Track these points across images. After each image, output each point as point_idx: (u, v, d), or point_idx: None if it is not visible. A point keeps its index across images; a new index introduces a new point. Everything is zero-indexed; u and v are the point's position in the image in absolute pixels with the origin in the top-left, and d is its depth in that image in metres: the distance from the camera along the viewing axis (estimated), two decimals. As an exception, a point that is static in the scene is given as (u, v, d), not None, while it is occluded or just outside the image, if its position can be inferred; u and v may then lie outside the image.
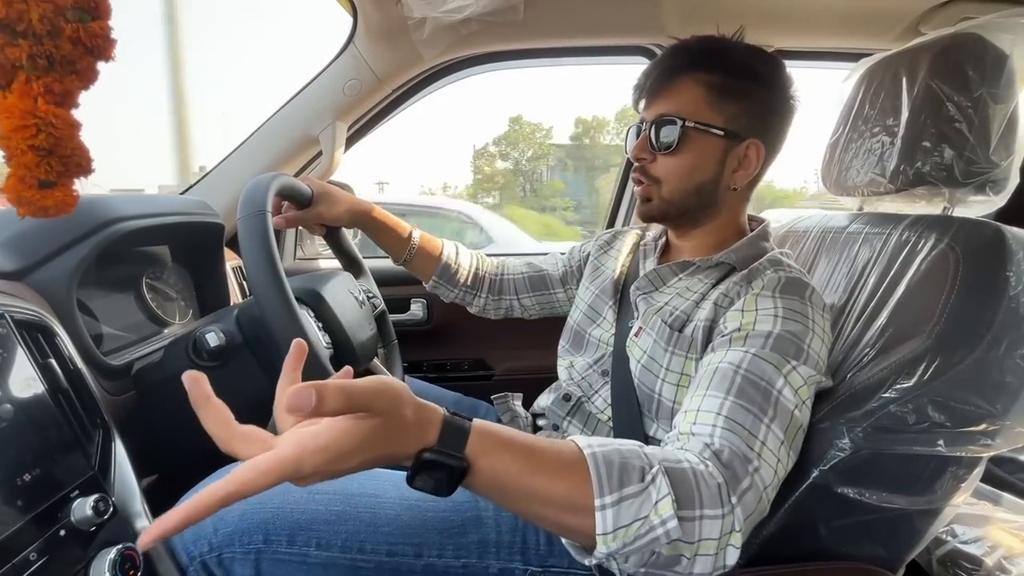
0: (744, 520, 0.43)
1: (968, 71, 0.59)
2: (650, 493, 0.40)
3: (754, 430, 0.47)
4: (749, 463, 0.45)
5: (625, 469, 0.41)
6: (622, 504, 0.40)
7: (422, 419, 0.38)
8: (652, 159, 0.66)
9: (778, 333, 0.53)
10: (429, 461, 0.37)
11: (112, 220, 0.65)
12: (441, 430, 0.38)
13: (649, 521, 0.40)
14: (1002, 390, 0.46)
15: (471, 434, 0.39)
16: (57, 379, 0.50)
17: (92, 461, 0.50)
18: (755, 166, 0.66)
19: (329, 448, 0.34)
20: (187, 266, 0.91)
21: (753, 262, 0.64)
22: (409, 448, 0.37)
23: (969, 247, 0.52)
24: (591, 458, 0.41)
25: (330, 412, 0.33)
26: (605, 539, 0.39)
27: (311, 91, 1.03)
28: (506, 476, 0.39)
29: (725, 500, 0.42)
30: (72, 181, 0.34)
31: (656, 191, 0.67)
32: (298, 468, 0.33)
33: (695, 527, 0.41)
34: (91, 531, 0.46)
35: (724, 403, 0.49)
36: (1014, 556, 0.65)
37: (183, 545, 0.54)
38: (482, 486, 0.39)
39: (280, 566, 0.55)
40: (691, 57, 0.65)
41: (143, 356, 0.69)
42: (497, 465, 0.39)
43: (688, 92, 0.64)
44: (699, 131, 0.63)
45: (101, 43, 0.32)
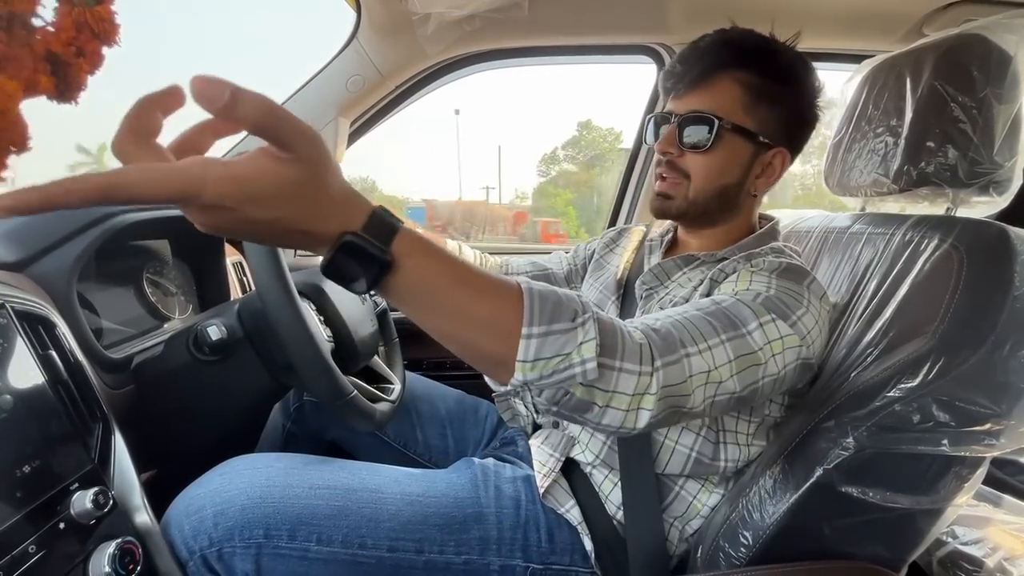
0: (661, 387, 0.42)
1: (973, 71, 0.59)
2: (577, 333, 0.39)
3: (705, 334, 0.46)
4: (684, 346, 0.44)
5: (559, 307, 0.39)
6: (548, 337, 0.38)
7: (350, 200, 0.34)
8: (680, 155, 0.64)
9: (768, 295, 0.52)
10: (350, 244, 0.33)
11: (113, 212, 0.65)
12: (369, 217, 0.34)
13: (570, 359, 0.39)
14: (1006, 390, 0.46)
15: (400, 231, 0.35)
16: (57, 371, 0.49)
17: (92, 454, 0.49)
18: (778, 175, 0.65)
19: (242, 181, 0.29)
20: (188, 261, 0.91)
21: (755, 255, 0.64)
22: (329, 226, 0.33)
23: (973, 247, 0.52)
24: (527, 291, 0.39)
25: (244, 117, 0.28)
26: (524, 367, 0.38)
27: (314, 86, 1.03)
28: (432, 282, 0.36)
29: (646, 359, 0.42)
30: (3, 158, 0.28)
31: (682, 188, 0.65)
32: (198, 188, 0.28)
33: (613, 376, 0.40)
34: (90, 524, 0.45)
35: (687, 311, 0.48)
36: (1015, 558, 0.66)
37: (183, 539, 0.53)
38: (403, 289, 0.36)
39: (280, 561, 0.55)
40: (736, 53, 0.61)
41: (143, 350, 0.68)
42: (424, 269, 0.36)
43: (727, 91, 0.61)
44: (732, 132, 0.61)
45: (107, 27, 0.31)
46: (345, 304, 0.72)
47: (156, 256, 0.85)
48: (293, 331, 0.54)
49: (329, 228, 0.33)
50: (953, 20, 0.92)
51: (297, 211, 0.31)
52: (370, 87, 1.04)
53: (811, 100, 0.64)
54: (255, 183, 0.29)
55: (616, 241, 0.87)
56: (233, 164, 0.29)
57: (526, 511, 0.64)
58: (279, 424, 0.86)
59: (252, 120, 0.28)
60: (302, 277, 0.70)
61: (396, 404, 0.73)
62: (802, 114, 0.65)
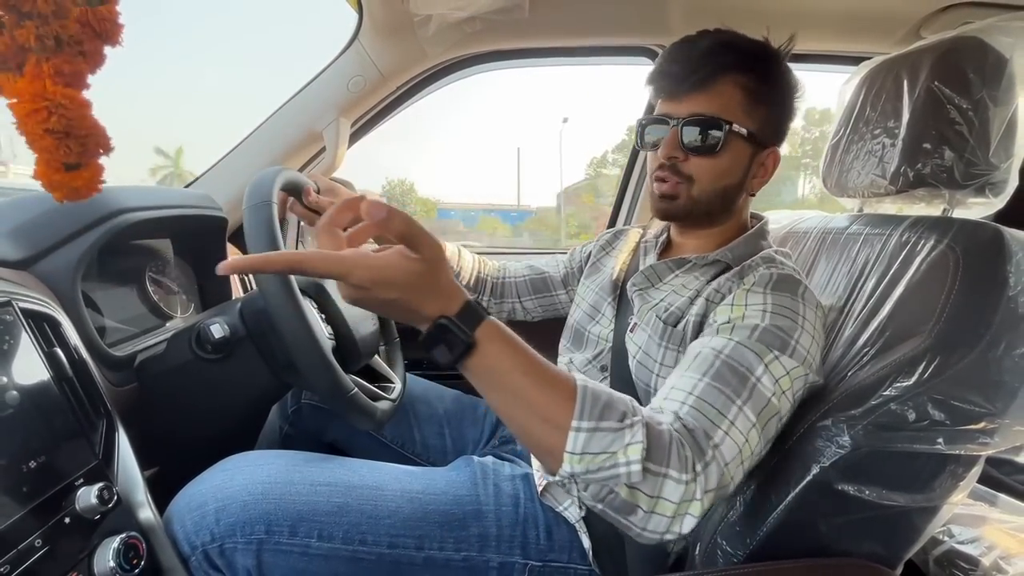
0: (706, 492, 0.43)
1: (969, 74, 0.59)
2: (624, 434, 0.42)
3: (724, 410, 0.47)
4: (710, 439, 0.46)
5: (609, 406, 0.43)
6: (596, 433, 0.42)
7: (451, 290, 0.43)
8: (684, 158, 0.64)
9: (765, 326, 0.53)
10: (442, 326, 0.41)
11: (116, 211, 0.65)
12: (462, 306, 0.42)
13: (615, 457, 0.42)
14: (1001, 389, 0.47)
15: (485, 320, 0.43)
16: (62, 368, 0.50)
17: (96, 450, 0.50)
18: (771, 173, 0.67)
19: (379, 269, 0.39)
20: (189, 260, 0.92)
21: (747, 260, 0.65)
22: (431, 309, 0.41)
23: (969, 248, 0.53)
24: (582, 388, 0.43)
25: (393, 229, 0.39)
26: (571, 459, 0.42)
27: (315, 87, 1.04)
28: (501, 367, 0.42)
29: (690, 468, 0.43)
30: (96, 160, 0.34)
31: (686, 190, 0.65)
32: (349, 272, 0.39)
33: (657, 482, 0.43)
34: (95, 520, 0.46)
35: (699, 383, 0.49)
36: (1011, 556, 0.66)
37: (185, 535, 0.54)
38: (478, 368, 0.42)
39: (281, 557, 0.55)
40: (737, 57, 0.62)
41: (146, 348, 0.69)
42: (498, 354, 0.42)
43: (728, 94, 0.62)
44: (737, 136, 0.62)
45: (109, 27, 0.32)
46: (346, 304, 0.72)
47: (158, 255, 0.85)
48: (294, 328, 0.54)
49: (432, 310, 0.42)
50: (951, 23, 0.92)
51: (413, 295, 0.41)
52: (371, 88, 1.04)
53: (791, 98, 0.67)
54: (388, 272, 0.39)
55: (612, 243, 0.88)
56: (375, 257, 0.40)
57: (525, 509, 0.64)
58: (276, 426, 0.86)
59: (398, 231, 0.39)
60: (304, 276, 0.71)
61: (397, 403, 0.73)
62: (789, 114, 0.67)
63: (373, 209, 0.39)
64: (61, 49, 0.31)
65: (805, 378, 0.53)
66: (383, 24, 0.96)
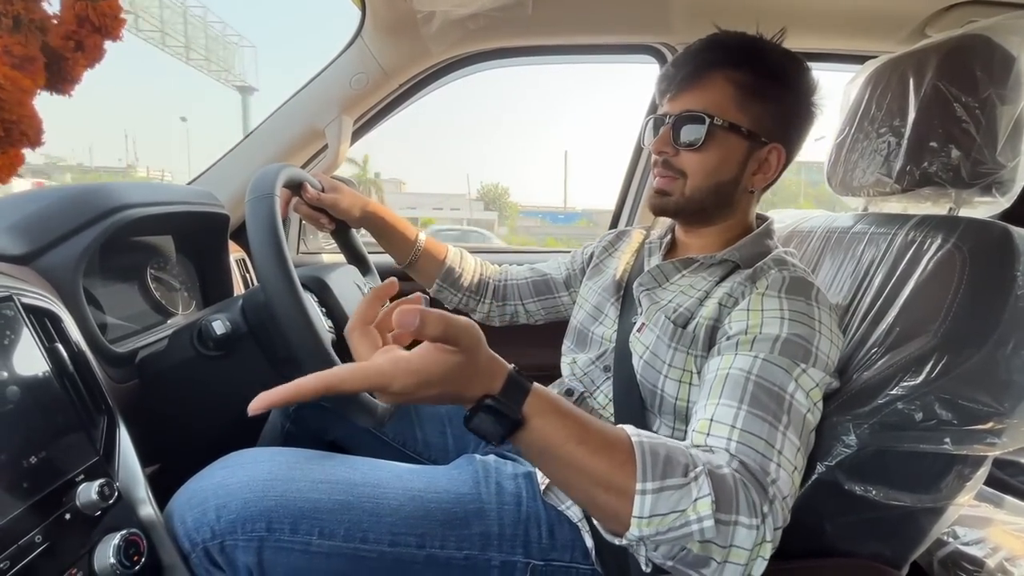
0: (775, 531, 0.43)
1: (976, 72, 0.59)
2: (691, 489, 0.41)
3: (771, 439, 0.47)
4: (767, 475, 0.45)
5: (670, 462, 0.42)
6: (662, 493, 0.40)
7: (492, 367, 0.41)
8: (675, 153, 0.65)
9: (786, 336, 0.53)
10: (490, 407, 0.40)
11: (118, 207, 0.65)
12: (506, 382, 0.41)
13: (686, 515, 0.40)
14: (1008, 389, 0.47)
15: (530, 393, 0.41)
16: (63, 363, 0.50)
17: (97, 446, 0.50)
18: (775, 171, 0.66)
19: (419, 372, 0.38)
20: (191, 257, 0.91)
21: (757, 260, 0.64)
22: (475, 391, 0.40)
23: (976, 247, 0.52)
24: (638, 445, 0.42)
25: (428, 336, 0.37)
26: (640, 523, 0.40)
27: (318, 84, 1.04)
28: (554, 439, 0.41)
29: (758, 512, 0.42)
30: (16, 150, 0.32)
31: (678, 185, 0.66)
32: (389, 383, 0.37)
33: (729, 532, 0.41)
34: (96, 516, 0.46)
35: (739, 413, 0.48)
36: (1016, 558, 0.66)
37: (185, 532, 0.54)
38: (530, 443, 0.41)
39: (282, 554, 0.55)
40: (725, 53, 0.63)
41: (147, 345, 0.69)
42: (547, 426, 0.41)
43: (718, 89, 0.63)
44: (725, 130, 0.62)
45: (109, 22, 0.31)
46: (348, 298, 0.72)
47: (160, 252, 0.85)
48: (294, 320, 0.54)
49: (474, 392, 0.40)
50: (956, 21, 0.92)
51: (456, 385, 0.40)
52: (374, 85, 1.04)
53: (805, 97, 0.65)
54: (428, 372, 0.38)
55: (615, 244, 0.87)
56: (413, 360, 0.38)
57: (527, 507, 0.64)
58: (278, 424, 0.86)
59: (433, 335, 0.38)
60: (306, 271, 0.70)
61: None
62: (796, 111, 0.65)
63: (405, 319, 0.36)
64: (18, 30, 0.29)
65: (828, 384, 0.53)
66: (386, 21, 0.96)
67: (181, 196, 0.81)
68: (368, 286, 0.82)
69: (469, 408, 0.41)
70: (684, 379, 0.61)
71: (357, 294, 0.76)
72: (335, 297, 0.69)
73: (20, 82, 0.31)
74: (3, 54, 0.30)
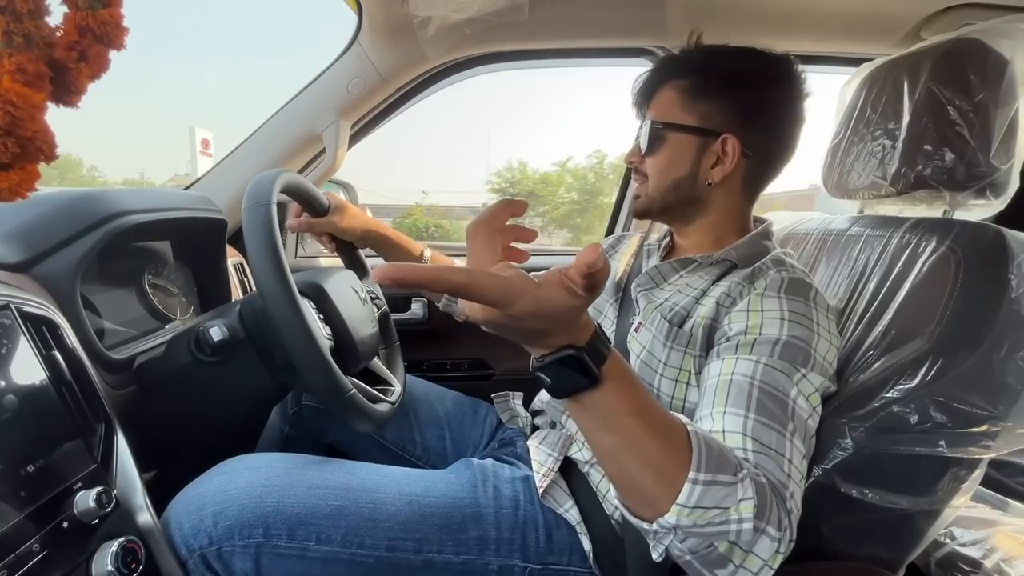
0: (789, 544, 0.43)
1: (970, 75, 0.59)
2: (737, 489, 0.41)
3: (781, 449, 0.47)
4: (786, 488, 0.45)
5: (723, 458, 0.42)
6: (712, 487, 0.40)
7: (587, 320, 0.39)
8: (641, 161, 0.71)
9: (786, 339, 0.53)
10: (572, 358, 0.38)
11: (116, 214, 0.65)
12: (592, 336, 0.39)
13: (728, 514, 0.40)
14: (1003, 392, 0.47)
15: (611, 355, 0.40)
16: (61, 371, 0.50)
17: (95, 454, 0.50)
18: (732, 160, 0.66)
19: (543, 303, 0.36)
20: (189, 262, 0.91)
21: (755, 260, 0.64)
22: (561, 338, 0.38)
23: (971, 250, 0.52)
24: (694, 435, 0.41)
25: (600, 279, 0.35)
26: (681, 512, 0.40)
27: (315, 89, 1.04)
28: (622, 407, 0.40)
29: (782, 524, 0.43)
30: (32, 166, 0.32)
31: (644, 188, 0.71)
32: (514, 301, 0.35)
33: (756, 538, 0.41)
34: (93, 524, 0.46)
35: (747, 422, 0.48)
36: (1013, 559, 0.66)
37: (182, 538, 0.54)
38: (595, 406, 0.40)
39: (280, 560, 0.55)
40: (668, 67, 0.70)
41: (145, 351, 0.69)
42: (620, 392, 0.40)
43: (665, 98, 0.69)
44: (670, 130, 0.67)
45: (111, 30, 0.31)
46: (346, 304, 0.72)
47: (158, 257, 0.85)
48: (292, 327, 0.54)
49: (562, 339, 0.38)
50: (951, 24, 0.92)
51: (559, 326, 0.38)
52: (371, 89, 1.04)
53: (766, 89, 0.66)
54: (550, 307, 0.36)
55: (615, 247, 0.88)
56: (542, 290, 0.36)
57: (525, 511, 0.64)
58: (277, 428, 0.86)
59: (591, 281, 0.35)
60: (303, 277, 0.70)
61: (396, 406, 0.73)
62: (752, 102, 0.66)
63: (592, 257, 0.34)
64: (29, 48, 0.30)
65: (827, 387, 0.53)
66: (382, 26, 0.96)
67: (178, 202, 0.81)
68: (365, 290, 0.82)
69: (544, 355, 0.39)
70: (681, 379, 0.61)
71: (355, 298, 0.76)
72: (333, 304, 0.70)
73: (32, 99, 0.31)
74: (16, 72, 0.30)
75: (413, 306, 1.25)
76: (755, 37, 0.72)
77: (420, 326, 1.25)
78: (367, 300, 0.80)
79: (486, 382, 1.28)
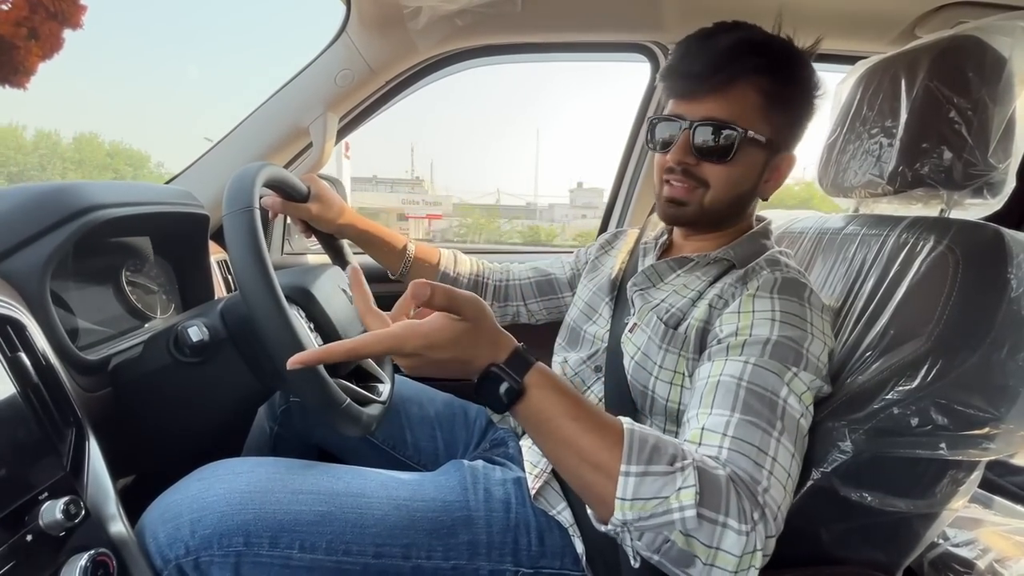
0: (766, 541, 0.42)
1: (968, 73, 0.58)
2: (675, 478, 0.42)
3: (764, 447, 0.46)
4: (759, 483, 0.44)
5: (657, 450, 0.43)
6: (646, 478, 0.41)
7: (498, 339, 0.45)
8: (695, 162, 0.61)
9: (776, 339, 0.52)
10: (493, 374, 0.43)
11: (89, 208, 0.62)
12: (511, 354, 0.44)
13: (668, 503, 0.41)
14: (1004, 393, 0.46)
15: (533, 367, 0.45)
16: (27, 374, 0.47)
17: (64, 461, 0.47)
18: (784, 178, 0.65)
19: (428, 336, 0.42)
20: (170, 258, 0.88)
21: (751, 260, 0.63)
22: (481, 360, 0.44)
23: (969, 249, 0.52)
24: (628, 432, 0.43)
25: (436, 305, 0.42)
26: (623, 505, 0.41)
27: (302, 80, 1.01)
28: (549, 412, 0.44)
29: (749, 518, 0.42)
30: None
31: (697, 195, 0.62)
32: (402, 344, 0.42)
33: (715, 532, 0.41)
34: (61, 536, 0.43)
35: (730, 421, 0.47)
36: (1006, 559, 0.66)
37: (157, 548, 0.51)
38: (528, 413, 0.44)
39: (261, 569, 0.53)
40: (757, 60, 0.58)
41: (121, 351, 0.66)
42: (545, 399, 0.44)
43: (746, 98, 0.58)
44: (752, 142, 0.59)
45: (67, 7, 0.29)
46: (333, 306, 0.70)
47: (137, 254, 0.82)
48: (283, 343, 0.51)
49: (482, 361, 0.44)
50: (945, 22, 0.92)
51: (463, 351, 0.43)
52: (359, 82, 1.02)
53: (813, 101, 0.64)
54: (436, 336, 0.43)
55: (612, 244, 0.87)
56: (423, 325, 0.43)
57: (516, 514, 0.62)
58: (266, 427, 0.84)
59: (440, 304, 0.42)
60: (289, 279, 0.68)
61: (386, 406, 0.71)
62: (808, 115, 0.64)
63: (418, 290, 0.41)
64: None
65: (820, 387, 0.52)
66: (372, 16, 0.94)
67: (158, 196, 0.78)
68: None
69: (475, 378, 0.44)
70: (675, 381, 0.60)
71: (342, 299, 0.74)
72: (321, 308, 0.67)
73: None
74: None
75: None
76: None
77: (410, 325, 1.22)
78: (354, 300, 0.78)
79: None
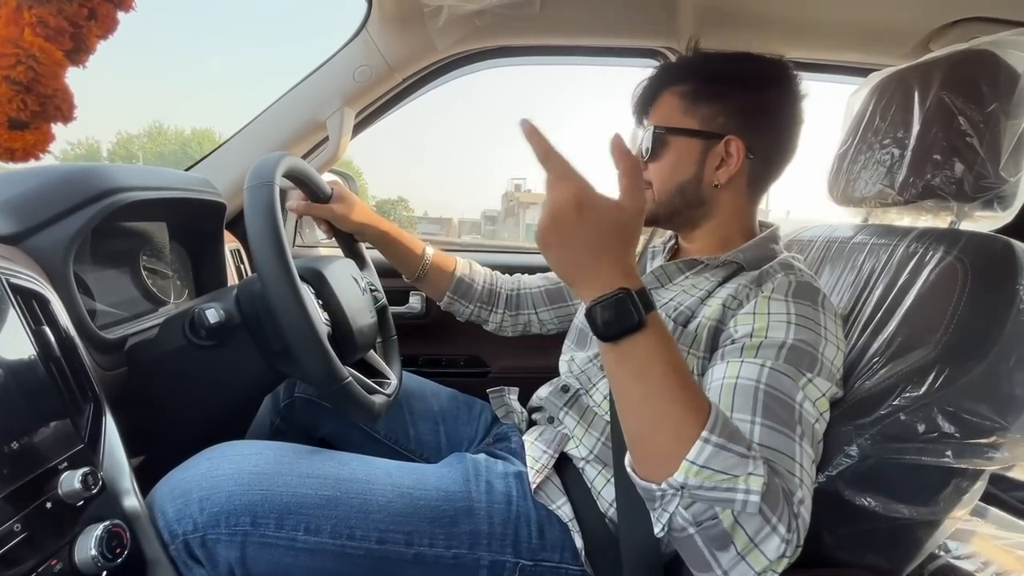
0: (796, 549, 0.42)
1: (981, 86, 0.59)
2: (748, 463, 0.41)
3: (791, 453, 0.46)
4: (794, 494, 0.44)
5: (737, 433, 0.43)
6: (722, 451, 0.40)
7: (634, 270, 0.44)
8: (645, 168, 0.70)
9: (792, 343, 0.52)
10: (621, 298, 0.42)
11: (113, 190, 0.63)
12: (641, 287, 0.43)
13: (735, 481, 0.40)
14: (1010, 403, 0.46)
15: (654, 309, 0.44)
16: (50, 347, 0.48)
17: (82, 434, 0.48)
18: (736, 161, 0.66)
19: (596, 202, 0.43)
20: (185, 245, 0.90)
21: (763, 263, 0.64)
22: (614, 275, 0.43)
23: (978, 260, 0.52)
24: (714, 405, 0.43)
25: (626, 167, 0.44)
26: (690, 469, 0.40)
27: (321, 75, 1.02)
28: (655, 357, 0.42)
29: (793, 528, 0.42)
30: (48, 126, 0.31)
31: (649, 195, 0.70)
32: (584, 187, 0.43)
33: (763, 530, 0.41)
34: (78, 506, 0.44)
35: (755, 427, 0.47)
36: (1006, 573, 0.66)
37: (165, 523, 0.52)
38: (634, 351, 0.43)
39: (267, 550, 0.54)
40: (666, 74, 0.70)
41: (137, 332, 0.67)
42: (656, 343, 0.43)
43: (665, 104, 0.69)
44: (673, 135, 0.67)
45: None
46: (345, 292, 0.71)
47: (153, 239, 0.84)
48: (290, 310, 0.53)
49: (615, 276, 0.43)
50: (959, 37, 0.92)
51: (606, 247, 0.43)
52: (377, 78, 1.03)
53: (766, 91, 0.66)
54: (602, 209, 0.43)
55: None
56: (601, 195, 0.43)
57: (517, 507, 0.63)
58: (267, 420, 0.85)
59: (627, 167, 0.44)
60: (303, 263, 0.69)
61: (392, 398, 0.72)
62: (754, 103, 0.66)
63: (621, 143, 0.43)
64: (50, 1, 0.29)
65: (834, 393, 0.53)
66: (392, 14, 0.95)
67: (177, 182, 0.80)
68: (365, 280, 0.81)
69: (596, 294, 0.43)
70: None
71: (354, 287, 0.75)
72: (332, 290, 0.68)
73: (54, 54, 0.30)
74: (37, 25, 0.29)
75: (411, 299, 1.24)
76: (764, 44, 0.73)
77: (417, 320, 1.23)
78: (366, 291, 0.79)
79: (482, 379, 1.27)
